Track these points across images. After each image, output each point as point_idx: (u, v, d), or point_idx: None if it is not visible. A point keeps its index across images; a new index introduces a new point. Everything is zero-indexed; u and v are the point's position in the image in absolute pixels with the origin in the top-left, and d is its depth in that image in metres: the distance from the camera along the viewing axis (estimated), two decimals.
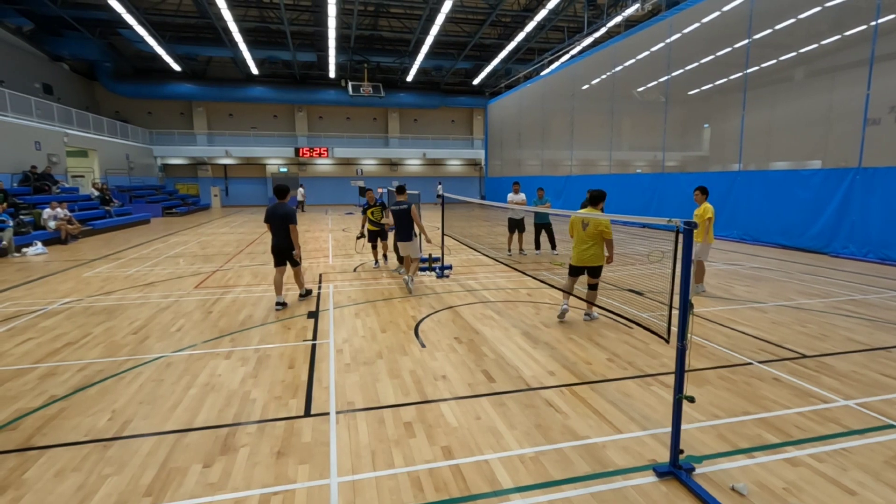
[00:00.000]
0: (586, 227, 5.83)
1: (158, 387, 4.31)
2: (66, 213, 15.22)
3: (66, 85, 28.24)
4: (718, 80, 15.92)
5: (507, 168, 31.05)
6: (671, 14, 16.41)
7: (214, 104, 35.26)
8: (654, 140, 18.10)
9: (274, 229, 7.00)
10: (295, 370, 4.68)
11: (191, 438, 3.43)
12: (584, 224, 5.84)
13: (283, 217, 6.91)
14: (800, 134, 13.75)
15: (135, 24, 21.64)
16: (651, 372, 4.54)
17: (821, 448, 3.23)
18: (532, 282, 8.40)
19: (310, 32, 26.90)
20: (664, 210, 16.85)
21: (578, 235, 5.96)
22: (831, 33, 12.58)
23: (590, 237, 5.83)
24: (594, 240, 5.83)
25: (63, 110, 22.32)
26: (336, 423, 3.65)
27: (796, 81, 14.33)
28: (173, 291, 8.14)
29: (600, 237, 5.83)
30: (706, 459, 3.10)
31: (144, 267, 10.56)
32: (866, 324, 6.00)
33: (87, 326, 6.17)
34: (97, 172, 24.55)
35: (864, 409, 3.78)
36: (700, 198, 7.49)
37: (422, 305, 7.10)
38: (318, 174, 37.82)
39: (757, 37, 13.53)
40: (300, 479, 2.95)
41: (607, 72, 20.02)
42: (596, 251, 5.87)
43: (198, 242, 14.90)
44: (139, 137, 31.10)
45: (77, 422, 3.68)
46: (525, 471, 3.01)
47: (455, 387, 4.27)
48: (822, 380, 4.33)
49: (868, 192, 10.67)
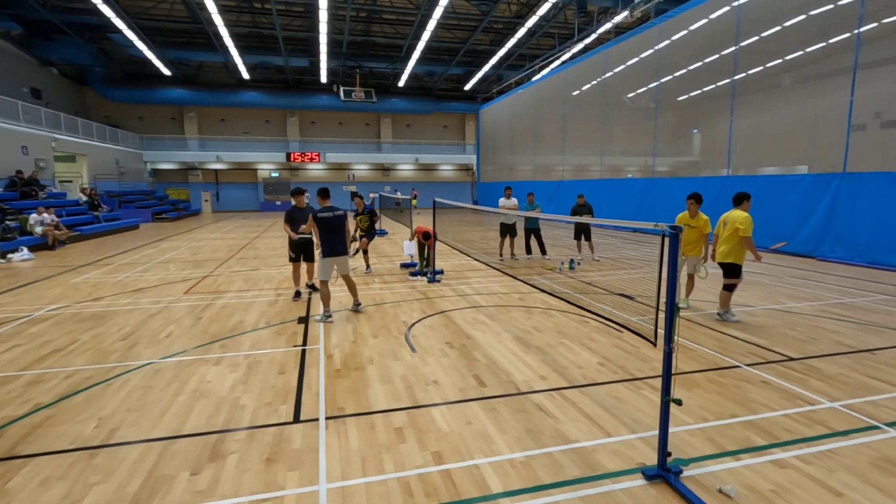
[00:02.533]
0: (725, 226, 6.18)
1: (147, 394, 4.27)
2: (54, 219, 15.06)
3: (55, 89, 28.01)
4: (707, 87, 16.11)
5: (500, 173, 31.18)
6: (660, 21, 16.63)
7: (206, 109, 35.14)
8: (644, 145, 18.28)
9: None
10: (285, 376, 4.65)
11: (179, 446, 3.40)
12: (724, 224, 6.21)
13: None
14: (787, 139, 13.94)
15: (125, 28, 21.56)
16: (641, 375, 4.56)
17: (808, 450, 3.26)
18: (524, 286, 8.43)
19: (302, 38, 26.94)
20: (655, 215, 16.99)
21: (720, 234, 6.32)
22: (816, 41, 12.80)
23: (728, 237, 6.11)
24: (731, 239, 6.07)
25: (51, 115, 22.14)
26: (326, 429, 3.63)
27: (783, 88, 14.54)
28: (163, 297, 8.06)
29: (736, 235, 6.02)
30: (694, 462, 3.12)
31: (134, 273, 10.46)
32: (854, 327, 6.07)
33: (74, 333, 6.10)
34: (86, 177, 24.35)
35: (851, 410, 3.82)
36: (693, 207, 6.72)
37: (413, 310, 7.09)
38: (310, 179, 37.72)
39: (744, 44, 13.74)
40: (289, 485, 2.93)
41: (598, 78, 20.22)
42: (726, 249, 6.11)
43: (188, 248, 14.79)
44: (129, 142, 30.90)
45: (63, 430, 3.64)
46: (515, 475, 3.01)
47: (446, 392, 4.27)
48: (809, 382, 4.38)
49: (854, 197, 10.83)
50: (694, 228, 6.73)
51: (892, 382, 4.35)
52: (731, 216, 6.17)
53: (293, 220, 7.66)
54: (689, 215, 6.80)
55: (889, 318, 6.42)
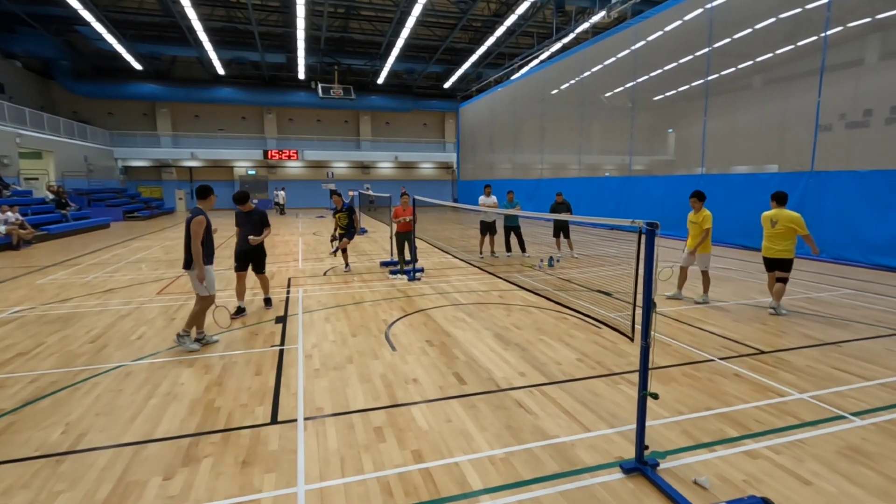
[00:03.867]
0: (775, 224, 6.44)
1: (117, 397, 4.14)
2: (18, 218, 14.49)
3: (19, 83, 26.92)
4: (682, 87, 16.44)
5: (479, 171, 31.25)
6: (636, 22, 16.88)
7: (179, 105, 34.25)
8: (621, 144, 18.55)
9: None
10: (262, 377, 4.57)
11: (150, 450, 3.30)
12: (773, 222, 6.46)
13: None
14: (758, 139, 14.33)
15: (93, 21, 20.84)
16: (618, 371, 4.63)
17: (778, 440, 3.35)
18: (504, 284, 8.46)
19: (278, 33, 26.47)
20: (632, 212, 17.26)
21: (767, 231, 6.57)
22: (785, 43, 13.18)
23: (779, 234, 6.41)
24: (787, 236, 6.36)
25: (15, 110, 21.28)
26: (304, 429, 3.57)
27: (754, 89, 14.93)
28: (134, 298, 7.84)
29: (793, 233, 6.33)
30: (670, 454, 3.17)
31: (103, 273, 10.14)
32: (820, 321, 6.28)
33: (39, 336, 5.87)
34: (53, 175, 23.49)
35: (818, 401, 3.94)
36: (697, 204, 7.10)
37: (393, 309, 7.05)
38: (289, 177, 37.20)
39: (717, 45, 14.05)
40: (266, 488, 2.88)
41: (576, 77, 20.43)
42: (784, 246, 6.39)
43: (161, 247, 14.42)
44: (99, 139, 29.92)
45: (27, 436, 3.49)
46: (495, 472, 3.01)
47: (426, 390, 4.25)
48: (779, 374, 4.51)
49: (821, 195, 11.20)
50: (695, 224, 7.11)
51: (857, 374, 4.51)
52: (782, 215, 6.42)
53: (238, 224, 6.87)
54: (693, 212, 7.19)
55: (853, 312, 6.65)
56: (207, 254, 5.33)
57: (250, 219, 6.76)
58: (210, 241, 5.41)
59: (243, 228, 6.76)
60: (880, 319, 6.29)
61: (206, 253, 5.31)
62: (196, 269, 5.21)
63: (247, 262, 6.85)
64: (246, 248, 6.73)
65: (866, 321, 6.21)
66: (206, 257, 5.28)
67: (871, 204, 10.21)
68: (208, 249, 5.36)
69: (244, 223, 6.77)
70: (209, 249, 5.38)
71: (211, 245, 5.44)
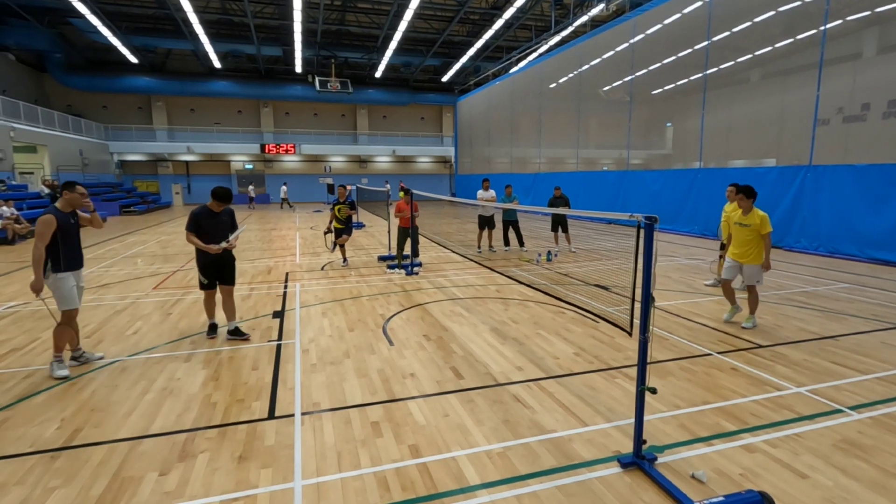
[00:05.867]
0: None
1: (112, 393, 4.11)
2: (13, 212, 14.39)
3: (12, 76, 26.68)
4: (680, 81, 16.40)
5: (477, 165, 31.19)
6: (634, 15, 16.80)
7: (175, 98, 34.04)
8: (619, 138, 18.52)
9: None
10: (259, 372, 4.55)
11: (146, 446, 3.29)
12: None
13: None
14: (756, 133, 14.32)
15: (87, 13, 20.62)
16: (616, 365, 4.62)
17: (774, 434, 3.36)
18: (501, 278, 8.45)
19: (274, 26, 26.28)
20: (629, 206, 17.27)
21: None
22: (784, 37, 13.14)
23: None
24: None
25: (9, 103, 21.10)
26: (301, 424, 3.56)
27: (752, 83, 14.90)
28: (130, 293, 7.80)
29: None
30: (668, 449, 3.17)
31: (99, 268, 10.08)
32: (817, 314, 6.29)
33: (34, 331, 5.84)
34: (48, 169, 23.34)
35: (815, 395, 3.95)
36: (745, 203, 5.61)
37: (390, 303, 7.03)
38: (286, 171, 37.07)
39: (715, 39, 14.00)
40: (262, 483, 2.87)
41: (574, 71, 20.35)
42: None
43: (157, 242, 14.35)
44: (94, 132, 29.72)
45: (21, 432, 3.47)
46: (492, 466, 3.01)
47: (423, 385, 4.24)
48: (776, 368, 4.51)
49: (818, 189, 11.20)
50: (745, 227, 5.64)
51: (853, 367, 4.52)
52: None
53: (201, 228, 5.22)
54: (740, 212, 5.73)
55: (849, 306, 6.67)
56: (67, 258, 4.48)
57: (219, 220, 5.31)
58: (72, 244, 4.54)
59: (211, 233, 5.22)
60: (877, 313, 6.30)
61: (66, 258, 4.47)
62: (34, 278, 4.29)
63: (217, 277, 5.39)
64: (214, 258, 5.28)
65: (863, 315, 6.23)
66: (64, 263, 4.46)
67: (867, 198, 10.22)
68: (69, 254, 4.50)
69: (212, 226, 5.24)
70: (70, 254, 4.51)
71: (73, 249, 4.56)
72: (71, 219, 4.59)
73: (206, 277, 5.36)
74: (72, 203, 4.59)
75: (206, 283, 5.38)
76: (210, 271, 5.34)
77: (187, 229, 5.22)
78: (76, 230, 4.67)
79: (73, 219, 4.62)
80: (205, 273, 5.35)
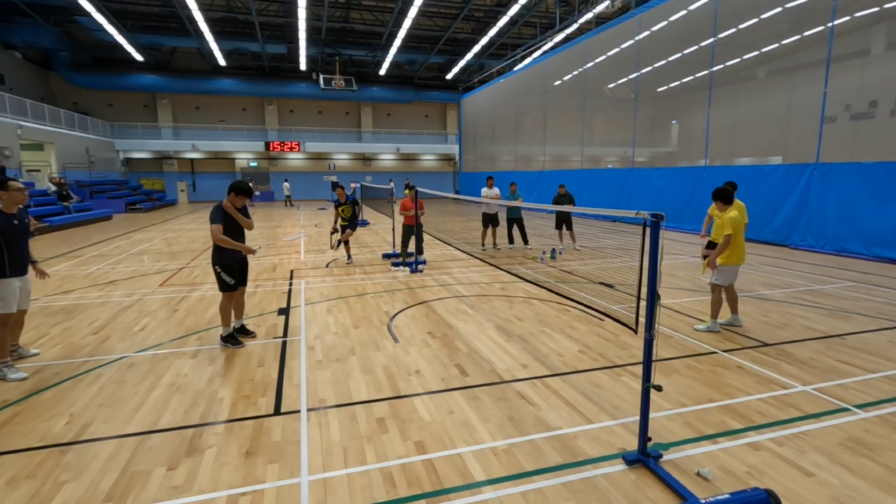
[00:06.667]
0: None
1: (120, 388, 4.15)
2: None
3: (19, 74, 26.85)
4: (685, 78, 16.31)
5: (481, 163, 31.15)
6: (640, 12, 16.71)
7: (180, 96, 34.15)
8: (624, 136, 18.45)
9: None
10: (265, 368, 4.58)
11: (154, 441, 3.32)
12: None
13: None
14: (762, 130, 14.24)
15: (93, 11, 20.70)
16: (621, 363, 4.62)
17: (780, 432, 3.35)
18: (506, 276, 8.45)
19: (279, 24, 26.30)
20: (634, 204, 17.22)
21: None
22: (791, 34, 13.04)
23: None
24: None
25: (16, 101, 21.23)
26: (307, 420, 3.58)
27: (758, 80, 14.81)
28: (137, 290, 7.85)
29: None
30: (673, 446, 3.17)
31: (106, 265, 10.15)
32: (823, 313, 6.26)
33: (43, 327, 5.89)
34: (54, 166, 23.48)
35: (821, 393, 3.94)
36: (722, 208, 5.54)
37: (395, 301, 7.05)
38: (290, 169, 37.15)
39: (721, 36, 13.91)
40: (269, 478, 2.89)
41: (579, 68, 20.27)
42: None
43: (163, 239, 14.43)
44: (100, 130, 29.86)
45: (31, 427, 3.51)
46: (498, 463, 3.02)
47: (428, 381, 4.25)
48: (782, 367, 4.50)
49: (825, 187, 11.13)
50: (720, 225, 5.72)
51: (859, 366, 4.50)
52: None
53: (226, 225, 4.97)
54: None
55: (856, 304, 6.63)
56: (13, 264, 4.30)
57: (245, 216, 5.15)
58: (18, 248, 4.36)
59: (233, 232, 5.02)
60: (883, 312, 6.27)
61: (11, 264, 4.29)
62: None
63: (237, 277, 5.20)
64: (238, 258, 5.17)
65: (869, 313, 6.19)
66: (10, 269, 4.27)
67: (874, 196, 10.15)
68: (14, 259, 4.31)
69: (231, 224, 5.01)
70: (15, 259, 4.33)
71: (19, 252, 4.38)
72: (14, 220, 4.31)
73: (231, 277, 5.08)
74: (14, 201, 4.30)
75: (233, 283, 5.10)
76: (234, 271, 5.12)
77: (214, 222, 4.84)
78: (24, 232, 4.38)
79: (17, 220, 4.33)
80: (230, 273, 5.08)
